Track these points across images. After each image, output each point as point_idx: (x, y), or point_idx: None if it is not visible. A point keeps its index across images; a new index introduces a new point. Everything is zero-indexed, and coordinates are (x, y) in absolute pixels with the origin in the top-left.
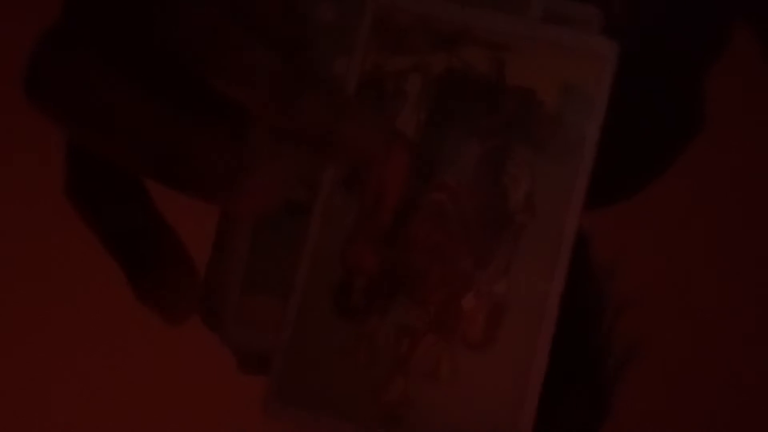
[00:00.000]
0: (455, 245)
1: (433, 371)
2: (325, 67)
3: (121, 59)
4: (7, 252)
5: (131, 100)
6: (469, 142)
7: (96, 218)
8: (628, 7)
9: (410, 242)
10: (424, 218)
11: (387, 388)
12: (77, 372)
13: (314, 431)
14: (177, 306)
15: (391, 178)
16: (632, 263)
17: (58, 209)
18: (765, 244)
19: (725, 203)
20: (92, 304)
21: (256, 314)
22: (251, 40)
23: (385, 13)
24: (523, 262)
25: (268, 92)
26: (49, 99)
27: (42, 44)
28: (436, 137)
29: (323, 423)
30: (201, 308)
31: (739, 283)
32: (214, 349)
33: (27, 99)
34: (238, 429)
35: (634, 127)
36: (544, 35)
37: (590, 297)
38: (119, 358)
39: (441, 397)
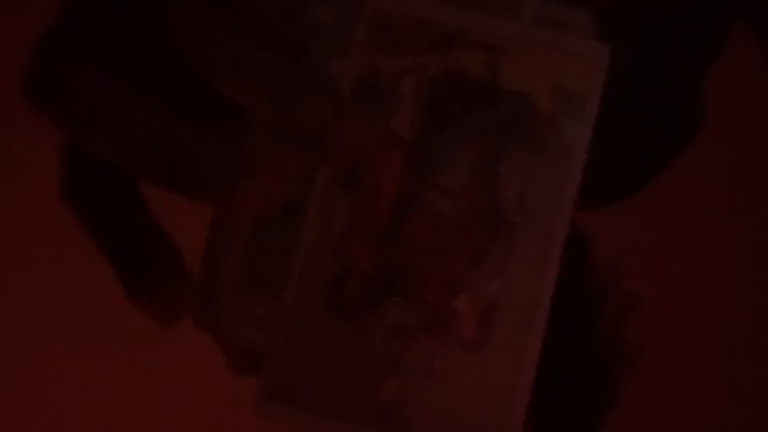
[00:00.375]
0: (451, 245)
1: (427, 371)
2: (322, 68)
3: (121, 60)
4: (8, 252)
5: (132, 101)
6: (464, 143)
7: (90, 221)
8: (628, 7)
9: (406, 241)
10: (420, 218)
11: (381, 388)
12: (74, 372)
13: (308, 430)
14: (169, 309)
15: (388, 176)
16: (633, 263)
17: (59, 209)
18: (766, 243)
19: (725, 203)
20: (90, 303)
21: (252, 313)
22: (252, 40)
23: (381, 15)
24: (517, 262)
25: (268, 92)
26: (50, 101)
27: (42, 46)
28: (432, 138)
29: (317, 422)
30: (195, 308)
31: (740, 282)
32: (210, 348)
33: (27, 101)
34: (234, 429)
35: (635, 127)
36: (538, 38)
37: (591, 297)
38: (117, 359)
39: (435, 397)
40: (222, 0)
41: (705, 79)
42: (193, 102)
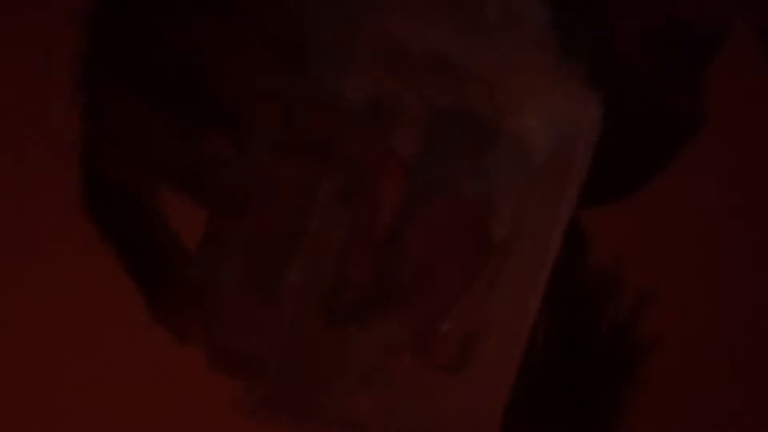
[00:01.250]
0: (444, 262)
1: (405, 387)
2: (325, 83)
3: (122, 70)
4: (9, 252)
5: (132, 111)
6: (460, 164)
7: (111, 236)
8: (627, 8)
9: (402, 257)
10: (416, 235)
11: (357, 399)
12: (75, 372)
13: (292, 430)
14: (188, 328)
15: (387, 190)
16: (633, 262)
17: (58, 210)
18: (766, 243)
19: (725, 203)
20: (91, 303)
21: (249, 319)
22: (252, 40)
23: (381, 33)
24: (503, 291)
25: (273, 105)
26: (83, 129)
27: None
28: (430, 158)
29: (300, 425)
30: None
31: (740, 282)
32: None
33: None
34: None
35: (635, 126)
36: (533, 70)
37: (591, 296)
38: (117, 361)
39: (409, 412)
40: (222, 1)
41: (705, 78)
42: (195, 113)
